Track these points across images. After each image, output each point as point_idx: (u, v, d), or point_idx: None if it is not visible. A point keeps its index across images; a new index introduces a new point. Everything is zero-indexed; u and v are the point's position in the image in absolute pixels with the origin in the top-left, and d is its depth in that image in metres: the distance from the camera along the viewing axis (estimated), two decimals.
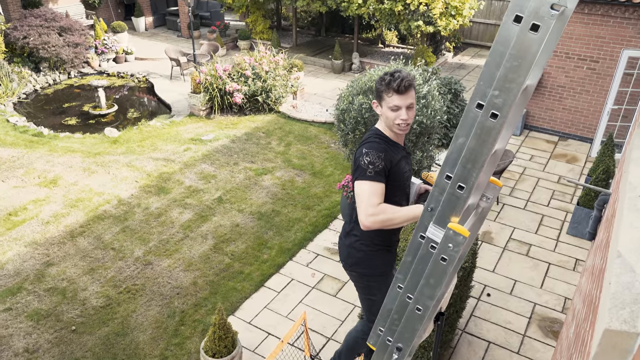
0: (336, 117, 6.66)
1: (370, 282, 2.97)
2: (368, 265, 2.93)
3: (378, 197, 2.55)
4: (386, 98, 2.60)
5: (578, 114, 9.01)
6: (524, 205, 7.20)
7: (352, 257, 2.96)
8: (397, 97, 2.57)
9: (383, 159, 2.59)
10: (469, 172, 1.83)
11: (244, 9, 14.21)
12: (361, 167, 2.59)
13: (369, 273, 2.95)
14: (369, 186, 2.55)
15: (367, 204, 2.53)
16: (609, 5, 7.93)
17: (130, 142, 8.98)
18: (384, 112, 2.65)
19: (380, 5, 11.43)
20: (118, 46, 13.57)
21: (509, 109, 1.67)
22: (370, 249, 2.89)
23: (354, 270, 3.00)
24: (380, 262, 2.93)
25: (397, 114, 2.61)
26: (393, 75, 2.58)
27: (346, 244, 2.99)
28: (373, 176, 2.56)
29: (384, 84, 2.59)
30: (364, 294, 3.09)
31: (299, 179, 7.79)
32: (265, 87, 10.04)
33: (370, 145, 2.64)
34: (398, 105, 2.59)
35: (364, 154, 2.61)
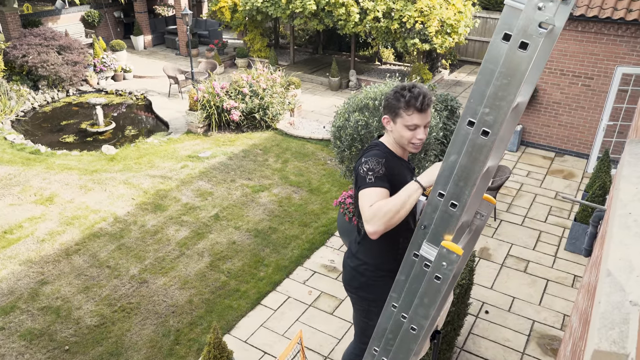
0: (332, 135, 6.67)
1: (371, 306, 2.87)
2: (371, 291, 2.82)
3: (374, 199, 2.35)
4: (404, 116, 2.40)
5: (574, 130, 9.05)
6: (521, 222, 7.19)
7: (355, 280, 2.85)
8: (418, 116, 2.39)
9: (383, 164, 2.43)
10: (461, 189, 1.83)
11: (241, 28, 14.34)
12: (360, 176, 2.44)
13: (372, 298, 2.84)
14: (369, 192, 2.37)
15: (366, 210, 2.34)
16: (602, 23, 8.02)
17: (128, 159, 8.98)
18: (398, 130, 2.46)
19: (377, 23, 11.55)
20: (117, 64, 13.66)
21: (499, 126, 1.68)
22: (375, 275, 2.77)
23: (355, 294, 2.91)
24: (384, 289, 2.76)
25: (414, 133, 2.43)
26: (412, 91, 2.37)
27: (351, 266, 2.87)
28: (373, 182, 2.39)
29: (402, 101, 2.38)
30: (360, 317, 3.00)
31: (296, 196, 7.77)
32: (263, 105, 10.09)
33: (369, 153, 2.50)
34: (417, 124, 2.41)
35: (362, 162, 2.46)
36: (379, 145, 2.57)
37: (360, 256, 2.79)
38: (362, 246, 2.79)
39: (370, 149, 2.56)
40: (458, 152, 1.78)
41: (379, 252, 2.73)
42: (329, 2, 11.78)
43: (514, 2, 1.55)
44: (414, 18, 11.14)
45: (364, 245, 2.79)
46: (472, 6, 12.58)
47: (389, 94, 2.46)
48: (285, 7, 12.47)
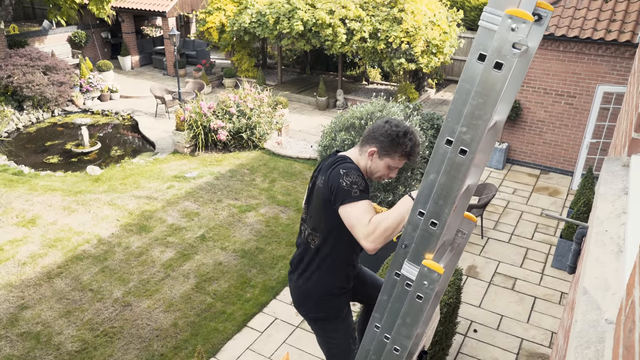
0: (319, 154, 6.68)
1: (326, 325, 2.77)
2: (320, 310, 2.70)
3: (369, 214, 2.28)
4: (395, 158, 2.41)
5: (558, 148, 9.16)
6: (508, 239, 7.21)
7: (302, 302, 2.73)
8: (404, 162, 2.46)
9: (363, 178, 2.37)
10: (441, 208, 1.82)
11: (229, 48, 14.43)
12: (343, 190, 2.31)
13: (322, 317, 2.73)
14: (359, 206, 2.28)
15: (361, 226, 2.24)
16: (582, 43, 8.18)
17: (113, 180, 8.90)
18: (379, 166, 2.44)
19: (364, 43, 11.69)
20: (103, 84, 13.64)
21: (477, 145, 1.68)
22: (324, 294, 2.66)
23: (306, 315, 2.79)
24: (332, 306, 2.70)
25: (390, 173, 2.48)
26: (412, 139, 2.39)
27: (296, 287, 2.72)
28: (359, 195, 2.29)
29: (401, 150, 2.39)
30: (321, 337, 2.86)
31: (284, 216, 7.74)
32: (250, 124, 10.10)
33: (345, 165, 2.39)
34: (398, 167, 2.47)
35: (342, 174, 2.32)
36: (346, 160, 2.46)
37: (310, 276, 2.64)
38: (313, 265, 2.64)
39: (341, 161, 2.44)
40: (437, 170, 1.78)
41: (329, 270, 2.62)
42: (316, 23, 11.92)
43: (488, 24, 1.57)
44: (400, 38, 11.29)
45: (315, 265, 2.64)
46: (457, 27, 12.80)
47: (385, 132, 2.39)
48: (272, 27, 12.59)
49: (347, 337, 2.81)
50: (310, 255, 2.64)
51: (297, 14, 12.03)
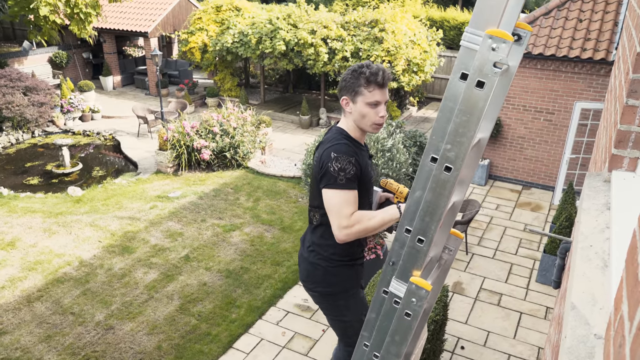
0: (303, 172, 6.69)
1: (337, 301, 2.71)
2: (328, 283, 2.66)
3: (352, 206, 2.32)
4: (365, 93, 2.33)
5: (539, 163, 9.31)
6: (492, 255, 7.25)
7: (310, 275, 2.69)
8: (379, 92, 2.34)
9: (354, 163, 2.35)
10: (427, 224, 1.83)
11: (212, 68, 14.47)
12: (330, 174, 2.33)
13: (331, 292, 2.68)
14: (341, 195, 2.31)
15: (340, 216, 2.30)
16: (559, 61, 8.39)
17: (95, 200, 8.78)
18: (359, 110, 2.37)
19: (345, 63, 11.82)
20: (84, 105, 13.53)
21: (461, 162, 1.70)
22: (330, 264, 2.63)
23: (314, 290, 2.73)
24: (341, 278, 2.66)
25: (377, 111, 2.37)
26: (370, 67, 2.33)
27: (304, 261, 2.72)
28: (345, 184, 2.31)
29: (362, 78, 2.32)
30: (332, 316, 2.80)
31: (268, 235, 7.69)
32: (234, 143, 10.08)
33: (338, 148, 2.37)
34: (379, 100, 2.35)
35: (332, 158, 2.33)
36: (342, 134, 2.46)
37: (313, 247, 2.65)
38: (315, 236, 2.64)
39: (336, 139, 2.43)
40: (422, 187, 1.79)
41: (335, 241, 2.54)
42: (298, 43, 12.03)
43: (469, 43, 1.60)
44: (381, 57, 11.44)
45: (318, 234, 2.63)
46: (437, 46, 13.04)
47: (345, 75, 2.39)
48: (255, 47, 12.67)
49: (360, 314, 2.71)
50: (313, 228, 2.66)
51: (279, 34, 12.14)
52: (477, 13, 1.63)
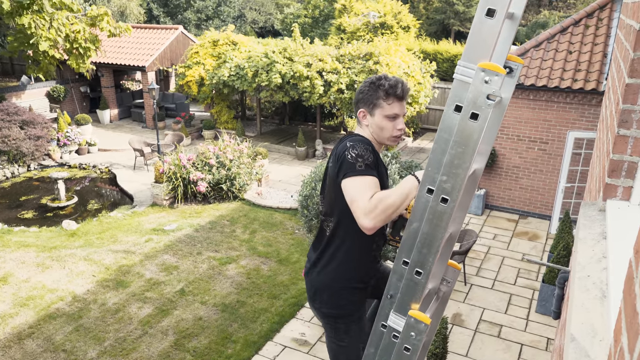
0: (300, 204, 6.68)
1: (338, 323, 2.58)
2: (333, 305, 2.53)
3: (372, 189, 2.14)
4: (384, 106, 2.28)
5: (535, 193, 9.34)
6: (491, 285, 7.20)
7: (317, 294, 2.56)
8: (397, 105, 2.29)
9: (371, 151, 2.24)
10: (425, 256, 1.82)
11: (208, 100, 14.62)
12: (348, 162, 2.20)
13: (335, 314, 2.54)
14: (361, 181, 2.15)
15: (362, 201, 2.10)
16: (551, 91, 8.53)
17: (89, 234, 8.71)
18: (377, 123, 2.31)
19: (341, 95, 11.97)
20: (81, 138, 13.58)
21: (458, 193, 1.70)
22: (338, 285, 2.49)
23: (319, 310, 2.61)
24: (347, 301, 2.51)
25: (395, 124, 2.31)
26: (388, 79, 2.28)
27: (311, 278, 2.57)
28: (364, 170, 2.17)
29: (381, 90, 2.27)
30: (330, 337, 2.68)
31: (265, 267, 7.62)
32: (230, 175, 10.10)
33: (353, 138, 2.29)
34: (398, 113, 2.30)
35: (348, 147, 2.22)
36: (358, 135, 2.37)
37: (326, 264, 2.49)
38: (327, 253, 2.50)
39: (351, 135, 2.35)
40: (419, 219, 1.79)
41: (347, 258, 2.47)
42: (294, 76, 12.21)
43: (462, 76, 1.63)
44: None
45: (330, 252, 2.49)
46: (431, 78, 13.26)
47: (363, 87, 2.34)
48: (251, 80, 12.84)
49: (358, 342, 2.60)
50: (325, 242, 2.50)
51: (275, 67, 12.32)
52: (469, 47, 1.67)
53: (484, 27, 1.63)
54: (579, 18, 9.04)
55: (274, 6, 34.89)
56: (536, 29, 24.87)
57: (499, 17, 1.60)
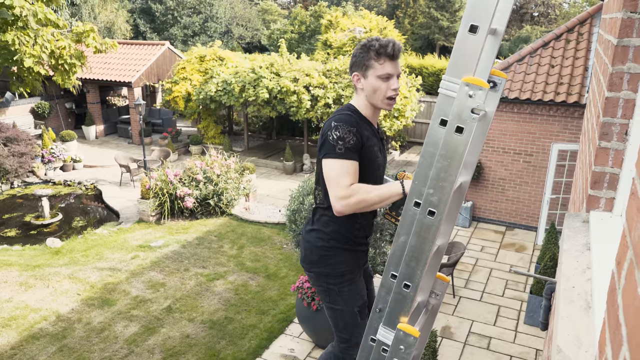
0: (288, 218, 6.67)
1: (329, 284, 2.58)
2: (324, 264, 2.56)
3: (350, 176, 2.21)
4: (376, 66, 2.25)
5: (521, 204, 9.43)
6: (480, 297, 7.21)
7: (309, 254, 2.59)
8: (390, 64, 2.25)
9: (355, 133, 2.25)
10: (413, 270, 1.83)
11: (195, 116, 14.61)
12: (329, 143, 2.24)
13: (326, 272, 2.56)
14: (340, 165, 2.21)
15: (337, 185, 2.19)
16: (535, 104, 8.67)
17: (74, 252, 8.58)
18: (371, 84, 2.30)
19: (328, 109, 12.03)
20: (66, 154, 13.45)
21: (445, 206, 1.72)
22: (328, 245, 2.53)
23: (310, 271, 2.63)
24: (337, 260, 2.54)
25: (389, 84, 2.28)
26: (379, 40, 2.26)
27: (305, 240, 2.62)
28: (343, 153, 2.22)
29: (373, 51, 2.25)
30: (325, 302, 2.67)
31: (253, 283, 7.56)
32: (217, 191, 10.05)
33: (339, 117, 2.29)
34: (391, 73, 2.27)
35: (332, 127, 2.25)
36: (350, 109, 2.38)
37: (316, 226, 2.56)
38: (317, 215, 2.57)
39: (340, 111, 2.37)
40: (407, 232, 1.80)
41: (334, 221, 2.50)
42: (281, 91, 12.26)
43: (447, 91, 1.66)
44: None
45: (319, 214, 2.56)
46: (417, 92, 13.40)
47: (355, 51, 2.33)
48: (238, 95, 12.86)
49: (352, 305, 2.60)
50: (315, 207, 2.59)
51: (263, 83, 12.37)
52: (453, 62, 1.69)
53: (467, 42, 1.66)
54: (560, 33, 9.23)
55: (260, 22, 35.15)
56: (519, 44, 25.33)
57: (482, 33, 1.63)
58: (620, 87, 1.75)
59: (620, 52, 1.72)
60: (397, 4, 32.92)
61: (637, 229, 0.70)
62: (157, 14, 29.56)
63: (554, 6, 33.08)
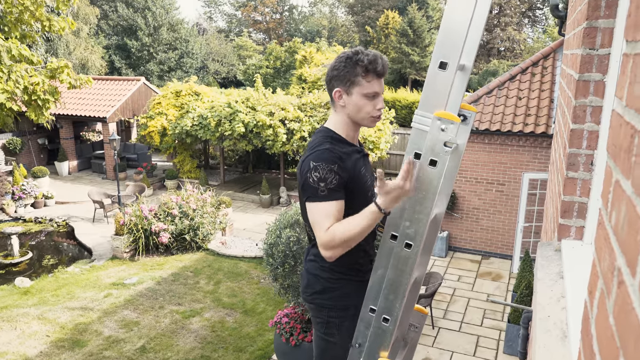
0: (265, 252, 6.60)
1: (331, 316, 2.42)
2: (329, 296, 2.38)
3: (331, 219, 2.05)
4: (364, 83, 2.05)
5: (495, 233, 9.56)
6: (459, 327, 7.20)
7: (312, 284, 2.43)
8: (377, 82, 2.07)
9: (336, 171, 2.06)
10: (391, 303, 1.83)
11: (171, 150, 14.52)
12: (310, 186, 2.07)
13: (330, 304, 2.39)
14: (321, 208, 2.06)
15: (320, 231, 2.05)
16: (505, 135, 8.90)
17: (44, 291, 8.30)
18: (355, 102, 2.10)
19: (304, 142, 12.12)
20: (38, 191, 13.15)
21: (421, 237, 1.74)
22: (332, 277, 2.35)
23: (312, 302, 2.47)
24: (342, 293, 2.38)
25: (375, 103, 2.09)
26: (365, 53, 2.05)
27: (305, 273, 2.47)
28: (327, 195, 2.05)
29: (360, 67, 2.04)
30: (321, 332, 2.52)
31: (230, 319, 7.40)
32: (193, 225, 9.92)
33: (318, 155, 2.09)
34: (378, 91, 2.08)
35: (311, 168, 2.06)
36: (328, 135, 2.18)
37: (313, 257, 2.41)
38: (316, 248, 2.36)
39: (318, 145, 2.16)
40: (384, 266, 1.81)
41: None
42: (257, 125, 12.33)
43: (420, 125, 1.70)
44: None
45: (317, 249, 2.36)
46: (390, 124, 13.63)
47: (337, 64, 2.11)
48: (214, 130, 12.87)
49: (346, 342, 2.42)
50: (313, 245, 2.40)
51: (238, 117, 12.43)
52: (425, 97, 1.75)
53: (437, 78, 1.72)
54: (525, 66, 9.59)
55: (236, 57, 35.55)
56: (487, 77, 26.16)
57: (451, 69, 1.69)
58: (584, 119, 1.82)
59: (582, 86, 1.81)
60: (369, 40, 33.81)
61: (605, 259, 0.72)
62: (133, 50, 29.65)
63: (519, 41, 34.45)
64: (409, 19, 29.45)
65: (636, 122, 0.63)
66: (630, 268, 0.58)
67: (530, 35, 36.70)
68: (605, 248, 0.73)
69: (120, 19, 29.95)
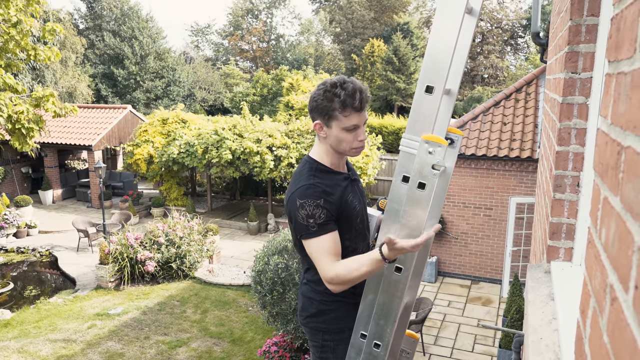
0: (253, 279, 6.52)
1: (325, 340, 2.40)
2: (324, 320, 2.37)
3: (331, 254, 2.05)
4: (341, 118, 2.03)
5: (484, 257, 9.56)
6: (450, 354, 7.12)
7: (307, 307, 2.41)
8: (356, 116, 2.02)
9: (323, 205, 2.05)
10: (382, 328, 1.81)
11: (158, 178, 14.43)
12: (300, 224, 2.07)
13: (324, 329, 2.38)
14: (316, 244, 2.07)
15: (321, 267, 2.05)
16: (491, 160, 9.00)
17: (25, 323, 8.07)
18: (335, 135, 2.08)
19: (291, 169, 12.13)
20: (20, 220, 12.92)
21: (411, 261, 1.73)
22: (326, 299, 2.34)
23: (307, 326, 2.45)
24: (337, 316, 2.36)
25: (355, 135, 2.06)
26: (345, 87, 2.01)
27: (302, 293, 2.45)
28: (317, 230, 2.06)
29: (337, 101, 2.01)
30: (316, 354, 2.50)
31: (217, 349, 7.25)
32: (180, 253, 9.79)
33: (303, 192, 2.08)
34: (357, 124, 2.04)
35: (298, 207, 2.06)
36: (312, 167, 2.18)
37: (307, 281, 2.41)
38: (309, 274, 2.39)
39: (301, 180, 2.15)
40: (374, 290, 1.79)
41: None
42: (244, 152, 12.33)
43: (408, 148, 1.71)
44: None
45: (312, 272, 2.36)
46: (377, 150, 13.73)
47: (316, 95, 2.08)
48: (201, 157, 12.84)
49: None
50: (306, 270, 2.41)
51: (226, 144, 12.43)
52: (412, 121, 1.76)
53: (424, 102, 1.74)
54: (509, 93, 9.78)
55: (223, 85, 35.80)
56: (472, 103, 26.61)
57: (438, 93, 1.71)
58: (569, 141, 1.85)
59: (566, 109, 1.84)
60: (356, 67, 34.33)
61: (597, 277, 0.72)
62: (120, 79, 29.73)
63: (502, 68, 35.25)
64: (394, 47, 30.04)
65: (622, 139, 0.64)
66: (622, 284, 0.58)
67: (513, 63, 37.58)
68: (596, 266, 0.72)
69: (107, 47, 30.12)
